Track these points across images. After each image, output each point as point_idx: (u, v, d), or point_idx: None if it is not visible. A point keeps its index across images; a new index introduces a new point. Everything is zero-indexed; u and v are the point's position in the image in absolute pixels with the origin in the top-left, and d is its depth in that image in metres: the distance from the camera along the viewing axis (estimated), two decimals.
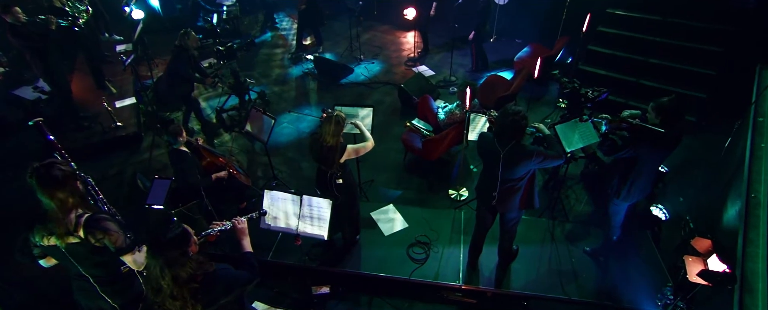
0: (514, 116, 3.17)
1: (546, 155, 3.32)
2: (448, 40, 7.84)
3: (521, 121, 3.19)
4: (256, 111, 5.20)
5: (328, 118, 3.66)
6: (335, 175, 3.82)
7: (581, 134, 4.34)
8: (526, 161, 3.29)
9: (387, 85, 7.45)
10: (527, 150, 3.29)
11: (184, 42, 5.48)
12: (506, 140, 3.28)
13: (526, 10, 7.91)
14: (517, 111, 3.19)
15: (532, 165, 3.35)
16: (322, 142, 3.67)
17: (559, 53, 7.02)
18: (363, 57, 8.23)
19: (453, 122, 5.31)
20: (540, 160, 3.31)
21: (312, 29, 8.59)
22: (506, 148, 3.28)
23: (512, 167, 3.35)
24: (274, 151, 6.02)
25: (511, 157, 3.30)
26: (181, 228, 2.49)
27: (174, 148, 4.26)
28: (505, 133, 3.26)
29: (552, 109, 6.59)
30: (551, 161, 3.39)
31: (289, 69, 8.16)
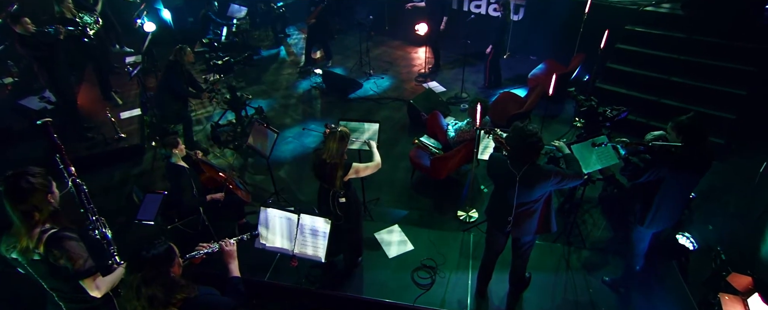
0: (531, 138, 3.02)
1: (564, 175, 3.14)
2: (460, 56, 7.74)
3: (538, 143, 3.04)
4: (259, 125, 5.11)
5: (332, 133, 3.53)
6: (338, 193, 3.66)
7: (599, 155, 4.13)
8: (544, 182, 3.12)
9: (396, 100, 7.35)
10: (544, 171, 3.12)
11: (179, 57, 5.45)
12: (522, 162, 3.11)
13: (541, 26, 7.79)
14: (533, 132, 3.03)
15: (549, 186, 3.17)
16: (325, 159, 3.53)
17: (576, 71, 6.84)
18: (373, 72, 8.17)
19: (463, 140, 5.14)
20: (557, 180, 3.13)
21: (321, 43, 8.57)
22: (522, 170, 3.11)
23: (529, 190, 3.17)
24: (277, 167, 5.90)
25: (528, 179, 3.13)
26: (166, 246, 2.35)
27: (171, 162, 4.16)
28: (522, 155, 3.10)
29: (568, 128, 6.38)
30: (570, 181, 3.22)
31: (297, 83, 8.12)
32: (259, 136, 5.11)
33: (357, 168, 3.64)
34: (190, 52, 5.53)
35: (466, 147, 5.02)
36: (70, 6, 6.37)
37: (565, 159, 3.39)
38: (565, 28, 7.40)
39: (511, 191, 3.22)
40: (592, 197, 5.01)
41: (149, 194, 3.64)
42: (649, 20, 6.60)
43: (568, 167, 3.28)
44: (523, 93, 6.81)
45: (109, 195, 5.56)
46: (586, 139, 4.18)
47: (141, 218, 3.47)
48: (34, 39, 5.36)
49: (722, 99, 5.80)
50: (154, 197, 3.56)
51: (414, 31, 7.79)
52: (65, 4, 6.29)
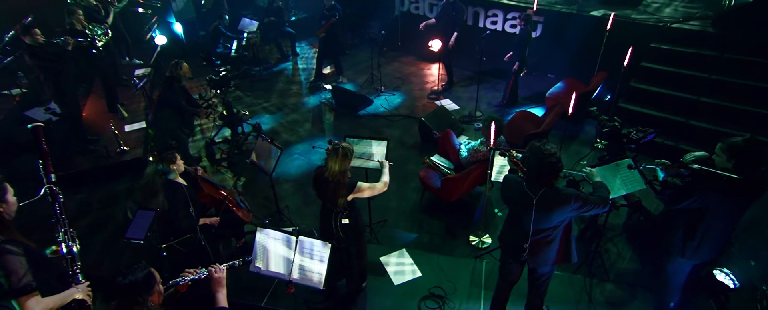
0: (549, 158, 2.81)
1: (587, 200, 2.92)
2: (475, 73, 7.60)
3: (557, 163, 2.84)
4: (263, 140, 5.00)
5: (334, 150, 3.38)
6: (341, 214, 3.48)
7: (624, 180, 3.89)
8: (563, 206, 2.90)
9: (407, 118, 7.20)
10: (563, 194, 2.90)
11: (175, 72, 5.39)
12: (539, 184, 2.90)
13: (560, 43, 7.62)
14: (551, 152, 2.84)
15: (568, 212, 2.94)
16: (328, 177, 3.36)
17: (597, 90, 6.62)
18: (384, 88, 8.06)
19: (476, 161, 4.93)
20: (578, 205, 2.91)
21: (332, 58, 8.52)
22: (539, 193, 2.89)
23: (546, 215, 2.96)
24: (281, 185, 5.76)
25: (546, 203, 2.92)
26: (145, 271, 2.18)
27: (168, 179, 4.03)
28: (539, 177, 2.89)
29: (588, 150, 6.13)
30: (593, 208, 2.99)
31: (306, 98, 8.05)
32: (263, 153, 4.99)
33: (361, 188, 3.47)
34: (186, 67, 5.48)
35: (480, 168, 4.81)
36: (80, 18, 6.44)
37: (593, 185, 3.17)
38: (586, 45, 7.22)
39: (526, 216, 3.01)
40: (616, 224, 4.72)
41: (141, 211, 3.50)
42: (676, 38, 6.38)
43: (594, 192, 3.05)
44: (540, 112, 6.61)
45: (107, 210, 5.46)
46: (609, 162, 3.95)
47: (130, 236, 3.32)
48: (43, 50, 5.40)
49: (758, 121, 5.51)
50: (145, 214, 3.42)
51: (427, 47, 7.70)
52: (76, 16, 6.36)
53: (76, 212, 5.42)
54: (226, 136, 6.56)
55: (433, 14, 9.00)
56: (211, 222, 4.26)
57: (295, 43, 9.74)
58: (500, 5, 8.19)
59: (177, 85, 5.43)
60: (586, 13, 7.35)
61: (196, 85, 7.98)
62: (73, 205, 5.53)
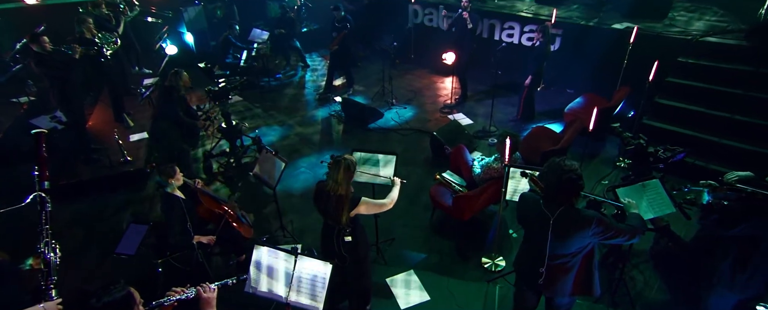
0: (569, 174, 2.62)
1: (610, 226, 2.70)
2: (489, 87, 7.44)
3: (578, 180, 2.65)
4: (267, 152, 4.89)
5: (336, 163, 3.24)
6: (344, 231, 3.32)
7: (651, 202, 3.66)
8: (583, 231, 2.69)
9: (418, 132, 7.05)
10: (584, 217, 2.69)
11: (174, 82, 5.32)
12: (557, 203, 2.71)
13: (579, 57, 7.42)
14: (571, 167, 2.65)
15: (589, 237, 2.72)
16: (329, 191, 3.21)
17: (619, 105, 6.39)
18: (395, 101, 7.94)
19: (490, 178, 4.73)
20: (601, 231, 2.69)
21: (343, 70, 8.46)
22: (557, 212, 2.70)
23: (564, 239, 2.75)
24: (285, 199, 5.62)
25: (563, 225, 2.71)
26: (124, 292, 2.04)
27: (166, 192, 3.92)
28: (557, 195, 2.70)
29: (610, 169, 5.88)
30: (620, 237, 2.76)
31: (316, 110, 7.97)
32: (267, 165, 4.88)
33: (366, 203, 3.31)
34: (186, 77, 5.42)
35: (493, 185, 4.61)
36: (90, 26, 6.48)
37: (629, 218, 2.94)
38: (607, 59, 7.03)
39: (542, 238, 2.80)
40: (642, 250, 4.45)
41: (133, 224, 3.37)
42: (705, 52, 6.14)
43: (626, 219, 2.84)
44: (558, 128, 6.38)
45: (105, 222, 5.37)
46: (634, 182, 3.73)
47: (120, 252, 3.19)
48: (50, 58, 5.41)
49: None
50: (138, 228, 3.29)
51: (441, 60, 7.59)
52: (86, 25, 6.40)
53: (73, 222, 5.34)
54: (226, 149, 6.45)
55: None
56: (206, 241, 4.12)
57: (304, 55, 9.71)
58: (517, 17, 8.06)
59: (176, 96, 5.35)
60: (608, 25, 7.16)
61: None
62: (71, 216, 5.45)
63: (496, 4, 8.70)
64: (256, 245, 3.15)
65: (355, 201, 3.27)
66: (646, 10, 7.24)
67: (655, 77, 5.58)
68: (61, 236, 5.15)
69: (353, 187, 3.37)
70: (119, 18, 7.47)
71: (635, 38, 6.22)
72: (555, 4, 7.70)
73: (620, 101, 6.38)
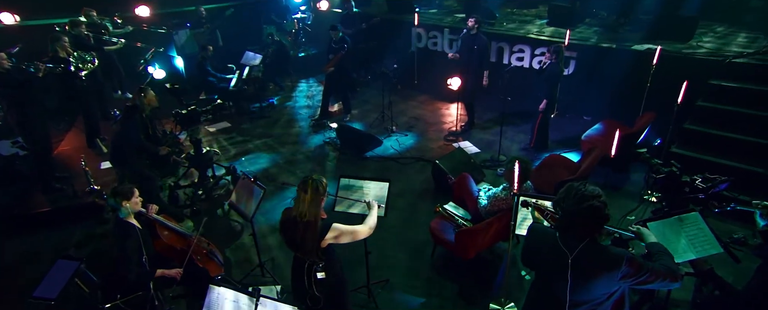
0: (591, 201, 2.24)
1: (642, 266, 2.29)
2: (498, 114, 7.14)
3: (602, 208, 2.26)
4: (245, 179, 4.54)
5: (303, 183, 2.91)
6: (316, 267, 2.94)
7: (691, 240, 3.23)
8: (610, 272, 2.29)
9: (420, 161, 6.72)
10: (611, 255, 2.30)
11: (138, 101, 5.05)
12: (577, 238, 2.32)
13: (597, 81, 7.13)
14: (595, 193, 2.28)
15: (617, 281, 2.31)
16: (296, 217, 2.87)
17: (643, 133, 6.01)
18: (395, 128, 7.66)
19: (498, 210, 4.32)
20: (630, 273, 2.29)
21: (340, 95, 8.23)
22: (577, 249, 2.30)
23: (587, 282, 2.34)
24: (270, 235, 5.25)
25: (586, 264, 2.31)
26: None
27: (119, 218, 3.54)
28: (576, 227, 2.32)
29: (637, 204, 5.44)
30: (655, 280, 2.34)
31: (309, 137, 7.69)
32: (244, 193, 4.52)
33: (339, 231, 2.95)
34: (153, 96, 5.17)
35: (502, 219, 4.19)
36: (65, 45, 6.32)
37: (648, 248, 2.52)
38: (627, 83, 6.75)
39: (560, 281, 2.39)
40: (682, 300, 3.93)
41: (60, 261, 2.95)
42: (740, 73, 5.85)
43: (656, 258, 2.41)
44: (575, 157, 6.00)
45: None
46: (669, 215, 3.30)
47: (39, 295, 2.74)
48: (7, 76, 5.20)
49: None
50: (65, 265, 2.87)
51: (446, 86, 7.33)
52: (60, 43, 6.25)
53: (20, 261, 4.94)
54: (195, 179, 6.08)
55: (453, 50, 8.76)
56: (172, 274, 3.70)
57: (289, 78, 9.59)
58: (527, 40, 7.86)
59: (139, 117, 5.06)
60: (627, 47, 6.92)
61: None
62: (17, 254, 5.05)
63: (505, 27, 8.54)
64: (210, 285, 2.75)
65: (325, 228, 2.92)
66: (669, 31, 7.01)
67: (683, 101, 5.25)
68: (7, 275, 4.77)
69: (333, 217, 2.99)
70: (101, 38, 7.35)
71: (659, 59, 5.99)
72: (568, 27, 7.47)
73: (644, 128, 6.00)
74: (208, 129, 7.88)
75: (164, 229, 3.90)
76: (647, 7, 8.19)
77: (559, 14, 8.40)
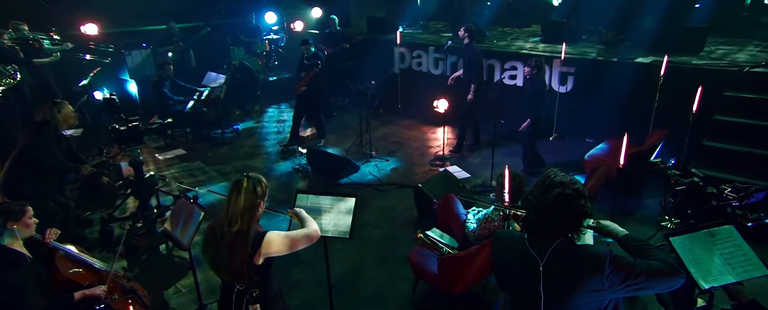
0: (563, 188, 1.94)
1: (633, 267, 1.93)
2: (489, 136, 6.85)
3: (577, 197, 1.94)
4: (185, 200, 4.03)
5: (237, 183, 2.51)
6: (249, 295, 2.49)
7: (727, 259, 2.80)
8: (592, 277, 1.93)
9: (401, 187, 6.32)
10: (589, 255, 1.97)
11: (51, 115, 4.63)
12: (546, 237, 2.02)
13: (598, 98, 6.86)
14: (567, 179, 1.99)
15: (603, 290, 1.94)
16: (223, 226, 2.45)
17: (656, 151, 5.69)
18: (375, 153, 7.29)
19: (490, 234, 3.85)
20: (621, 277, 1.92)
21: (312, 118, 7.88)
22: (548, 251, 2.00)
23: (564, 294, 1.98)
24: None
25: (560, 271, 1.99)
26: None
27: (1, 245, 3.00)
28: (546, 223, 2.00)
29: (653, 231, 5.04)
30: (655, 282, 1.96)
31: (276, 164, 7.28)
32: (182, 218, 3.98)
33: (273, 241, 2.50)
34: (70, 112, 4.78)
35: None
36: None
37: (627, 246, 2.12)
38: (633, 99, 6.53)
39: (532, 298, 2.04)
40: None
41: None
42: (759, 83, 5.65)
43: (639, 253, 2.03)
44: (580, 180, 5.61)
45: None
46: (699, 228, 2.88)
47: None
48: None
49: None
50: None
51: (433, 109, 7.07)
52: None
53: None
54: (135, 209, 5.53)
55: (439, 70, 8.59)
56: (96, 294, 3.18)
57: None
58: (519, 56, 7.67)
59: (52, 134, 4.63)
60: (631, 60, 6.75)
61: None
62: None
63: (496, 44, 8.41)
64: None
65: (257, 240, 2.46)
66: (676, 43, 6.85)
67: (699, 112, 5.00)
68: None
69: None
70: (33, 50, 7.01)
71: (666, 70, 5.83)
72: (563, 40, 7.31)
73: (655, 146, 5.69)
74: (158, 157, 7.42)
75: (67, 261, 3.35)
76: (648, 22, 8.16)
77: (553, 30, 8.31)
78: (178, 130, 8.14)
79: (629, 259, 1.96)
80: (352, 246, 4.94)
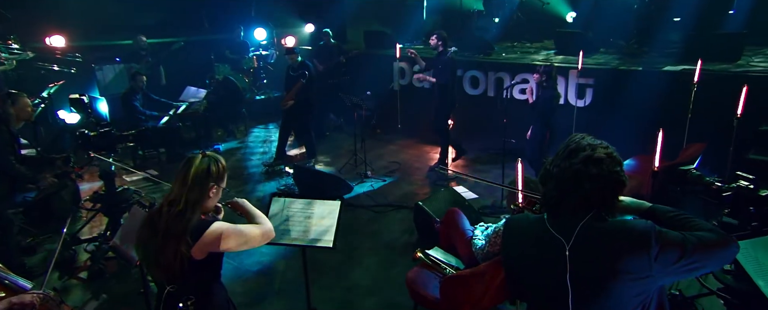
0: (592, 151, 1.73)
1: (684, 241, 1.66)
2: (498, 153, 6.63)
3: (610, 162, 1.74)
4: (139, 208, 3.72)
5: (188, 159, 2.29)
6: (182, 300, 2.19)
7: None
8: (636, 259, 1.64)
9: (400, 208, 6.05)
10: (632, 232, 1.68)
11: (3, 109, 4.35)
12: (571, 213, 1.75)
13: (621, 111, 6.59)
14: (597, 143, 1.80)
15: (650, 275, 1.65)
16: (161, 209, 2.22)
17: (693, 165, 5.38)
18: (371, 173, 7.04)
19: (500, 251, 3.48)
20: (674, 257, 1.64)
21: (301, 135, 7.66)
22: (575, 231, 1.73)
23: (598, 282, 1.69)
24: None
25: (593, 252, 1.71)
26: None
27: None
28: (570, 196, 1.74)
29: None
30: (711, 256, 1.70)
31: (260, 184, 7.03)
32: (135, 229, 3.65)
33: (223, 230, 2.22)
34: (26, 104, 4.54)
35: None
36: None
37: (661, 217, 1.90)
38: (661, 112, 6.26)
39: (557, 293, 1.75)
40: None
41: None
42: None
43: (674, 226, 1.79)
44: None
45: None
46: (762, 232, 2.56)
47: None
48: None
49: None
50: None
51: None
52: None
53: None
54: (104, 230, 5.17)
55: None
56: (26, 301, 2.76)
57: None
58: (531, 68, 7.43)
59: (5, 132, 4.34)
60: (658, 68, 6.56)
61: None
62: None
63: (505, 57, 8.26)
64: None
65: (201, 226, 2.17)
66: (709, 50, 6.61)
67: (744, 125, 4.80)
68: None
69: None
70: None
71: (700, 77, 5.60)
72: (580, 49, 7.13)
73: (693, 160, 5.38)
74: (126, 179, 7.11)
75: None
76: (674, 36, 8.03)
77: (567, 41, 8.17)
78: (150, 151, 7.87)
79: (673, 233, 1.70)
80: (339, 273, 4.66)
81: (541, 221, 1.84)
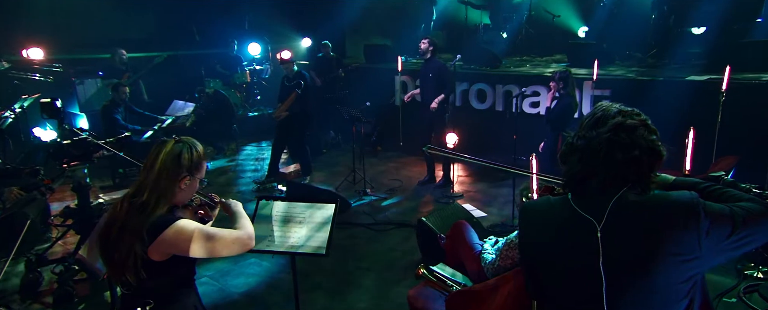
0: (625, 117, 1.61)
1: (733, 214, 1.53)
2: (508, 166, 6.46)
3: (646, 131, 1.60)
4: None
5: (158, 145, 2.13)
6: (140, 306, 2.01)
7: None
8: (683, 236, 1.51)
9: (401, 227, 5.87)
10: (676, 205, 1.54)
11: None
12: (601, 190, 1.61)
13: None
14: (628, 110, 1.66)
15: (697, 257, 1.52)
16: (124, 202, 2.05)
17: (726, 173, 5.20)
18: (370, 190, 6.91)
19: (514, 265, 3.29)
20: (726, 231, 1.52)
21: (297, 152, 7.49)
22: (607, 208, 1.59)
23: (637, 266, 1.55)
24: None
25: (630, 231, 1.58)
26: None
27: None
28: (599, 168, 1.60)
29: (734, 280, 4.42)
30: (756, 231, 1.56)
31: (250, 205, 6.76)
32: None
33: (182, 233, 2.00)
34: None
35: (519, 277, 3.12)
36: None
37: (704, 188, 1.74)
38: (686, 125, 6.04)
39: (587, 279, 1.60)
40: None
41: None
42: None
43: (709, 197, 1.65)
44: None
45: None
46: None
47: None
48: None
49: None
50: None
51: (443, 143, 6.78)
52: None
53: None
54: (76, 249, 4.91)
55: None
56: None
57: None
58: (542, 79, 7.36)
59: None
60: (680, 78, 6.44)
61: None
62: None
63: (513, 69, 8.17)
64: None
65: (162, 223, 1.97)
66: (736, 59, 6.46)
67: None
68: None
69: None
70: None
71: (729, 86, 5.41)
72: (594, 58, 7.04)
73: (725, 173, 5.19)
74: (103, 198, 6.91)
75: None
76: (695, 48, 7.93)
77: (580, 52, 8.10)
78: (131, 169, 7.67)
79: (718, 204, 1.57)
80: (335, 295, 4.45)
81: (566, 201, 1.67)
